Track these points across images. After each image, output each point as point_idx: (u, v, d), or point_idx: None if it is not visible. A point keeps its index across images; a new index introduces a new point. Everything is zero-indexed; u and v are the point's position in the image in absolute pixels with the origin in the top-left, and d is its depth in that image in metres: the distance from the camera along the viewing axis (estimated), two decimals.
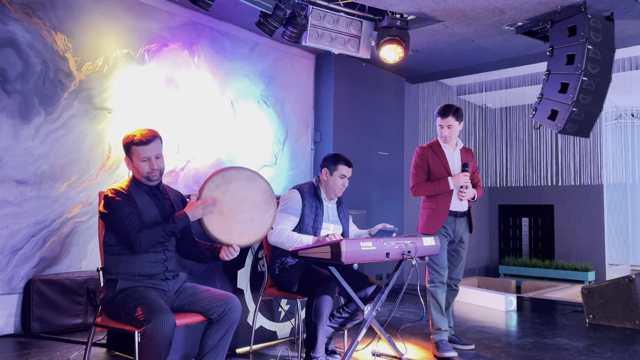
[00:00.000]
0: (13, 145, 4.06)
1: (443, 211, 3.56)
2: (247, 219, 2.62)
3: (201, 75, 5.48)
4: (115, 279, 2.45)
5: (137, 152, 2.52)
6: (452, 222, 3.62)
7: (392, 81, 7.44)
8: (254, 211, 2.64)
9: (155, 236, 2.41)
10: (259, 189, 2.68)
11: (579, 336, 4.10)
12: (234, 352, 3.43)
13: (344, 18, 5.11)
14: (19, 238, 4.05)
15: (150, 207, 2.53)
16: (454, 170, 3.64)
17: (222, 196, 2.55)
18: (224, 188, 2.56)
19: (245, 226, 2.61)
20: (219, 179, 2.57)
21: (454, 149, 3.72)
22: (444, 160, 3.63)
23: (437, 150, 3.67)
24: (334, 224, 3.38)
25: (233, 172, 2.62)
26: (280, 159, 6.29)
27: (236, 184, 2.60)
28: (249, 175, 2.66)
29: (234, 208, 2.58)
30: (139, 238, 2.38)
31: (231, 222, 2.57)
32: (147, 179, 2.55)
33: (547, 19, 5.04)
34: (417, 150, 3.72)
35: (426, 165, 3.64)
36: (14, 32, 4.08)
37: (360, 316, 3.19)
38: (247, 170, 2.68)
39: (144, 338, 2.18)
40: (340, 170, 3.33)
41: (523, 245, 11.11)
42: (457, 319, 4.76)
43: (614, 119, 9.72)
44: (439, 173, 3.61)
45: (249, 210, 2.63)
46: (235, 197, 2.59)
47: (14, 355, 3.37)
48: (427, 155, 3.66)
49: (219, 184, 2.56)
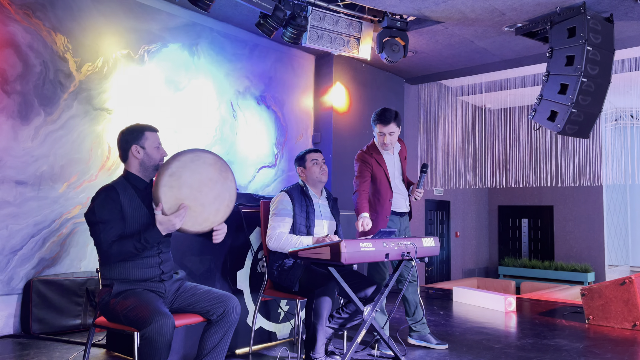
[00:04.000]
0: (13, 146, 4.06)
1: (384, 218, 3.55)
2: (214, 197, 2.54)
3: (201, 76, 5.49)
4: (111, 284, 2.43)
5: (152, 138, 2.53)
6: (397, 221, 3.67)
7: (391, 82, 7.45)
8: (215, 185, 2.55)
9: (125, 251, 2.35)
10: (207, 163, 2.55)
11: (578, 337, 4.10)
12: (234, 353, 3.43)
13: (344, 19, 5.11)
14: (18, 239, 4.05)
15: (139, 208, 2.46)
16: (394, 175, 3.64)
17: (179, 192, 2.43)
18: (176, 184, 2.43)
19: (216, 204, 2.55)
20: (166, 177, 2.41)
21: (392, 153, 3.71)
22: (383, 166, 3.61)
23: (378, 158, 3.61)
24: (327, 220, 3.38)
25: (175, 163, 2.45)
26: (280, 159, 6.30)
27: (185, 172, 2.46)
28: (191, 157, 2.51)
29: (197, 196, 2.49)
30: (109, 251, 2.34)
31: (202, 209, 2.50)
32: (156, 168, 2.52)
33: (546, 20, 5.04)
34: (359, 157, 3.64)
35: (369, 174, 3.57)
36: (14, 32, 4.09)
37: (359, 317, 3.19)
38: (187, 153, 2.51)
39: (143, 340, 2.17)
40: (310, 158, 3.38)
41: (522, 246, 11.11)
42: (456, 319, 4.76)
43: (613, 120, 9.73)
44: (380, 181, 3.59)
45: (211, 188, 2.54)
46: (192, 186, 2.47)
47: (14, 356, 3.37)
48: (370, 163, 3.58)
49: (169, 182, 2.41)
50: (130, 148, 2.51)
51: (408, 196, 3.76)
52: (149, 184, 2.56)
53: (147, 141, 2.52)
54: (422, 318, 3.74)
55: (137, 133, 2.52)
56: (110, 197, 2.41)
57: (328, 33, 5.05)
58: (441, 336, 4.03)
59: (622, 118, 9.77)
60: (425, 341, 3.70)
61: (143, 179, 2.54)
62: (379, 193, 3.61)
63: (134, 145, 2.51)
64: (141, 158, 2.51)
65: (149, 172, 2.54)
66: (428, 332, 3.74)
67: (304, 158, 3.40)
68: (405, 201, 3.72)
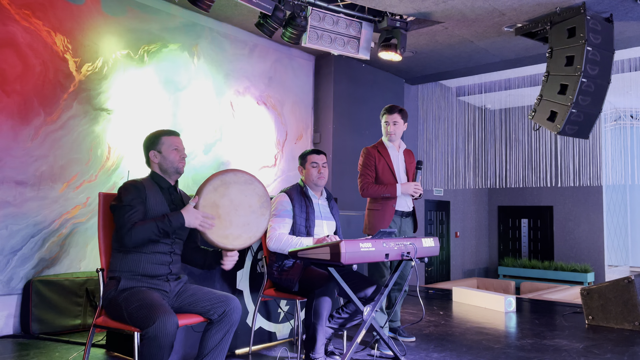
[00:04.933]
0: (12, 146, 4.06)
1: (389, 213, 3.68)
2: (244, 222, 2.64)
3: (201, 76, 5.49)
4: (119, 277, 2.45)
5: (169, 142, 2.64)
6: (399, 221, 3.75)
7: (391, 82, 7.45)
8: (250, 215, 2.66)
9: (147, 232, 2.41)
10: (256, 192, 2.69)
11: (578, 337, 4.10)
12: (234, 353, 3.43)
13: (344, 19, 5.11)
14: (18, 239, 4.05)
15: (162, 205, 2.55)
16: (399, 171, 3.77)
17: (220, 199, 2.56)
18: (222, 191, 2.57)
19: (241, 229, 2.64)
20: (218, 182, 2.57)
21: (397, 150, 3.84)
22: (388, 162, 3.75)
23: (383, 152, 3.78)
24: (327, 221, 3.38)
25: (232, 175, 2.63)
26: (280, 160, 6.30)
27: (234, 187, 2.61)
28: (247, 179, 2.67)
29: (231, 212, 2.59)
30: (131, 232, 2.38)
31: (228, 225, 2.59)
32: (175, 170, 2.64)
33: (546, 21, 5.04)
34: (364, 150, 3.81)
35: (373, 166, 3.74)
36: (13, 32, 4.08)
37: (359, 317, 3.19)
38: (245, 174, 2.69)
39: (146, 339, 2.18)
40: (310, 160, 3.36)
41: (522, 246, 11.12)
42: (456, 319, 4.77)
43: (613, 120, 9.74)
44: (384, 175, 3.72)
45: (246, 214, 2.65)
46: (233, 201, 2.60)
47: (13, 356, 3.37)
48: (374, 155, 3.76)
49: (218, 187, 2.56)
50: (149, 154, 2.65)
51: (412, 198, 3.82)
52: (172, 186, 2.68)
53: (163, 145, 2.64)
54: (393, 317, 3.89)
55: (154, 139, 2.66)
56: (137, 187, 2.52)
57: (328, 33, 5.05)
58: (441, 336, 4.04)
59: (622, 118, 9.77)
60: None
61: (167, 179, 2.66)
62: (383, 184, 3.72)
63: (151, 151, 2.65)
64: (159, 161, 2.65)
65: (169, 174, 2.66)
66: (397, 326, 3.90)
67: (305, 158, 3.40)
68: (407, 200, 3.78)
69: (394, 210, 3.70)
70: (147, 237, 2.42)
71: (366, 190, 3.72)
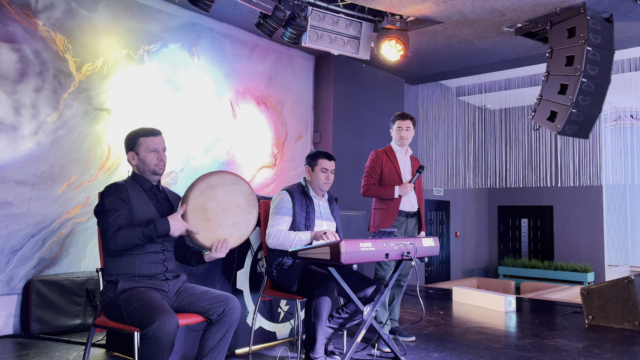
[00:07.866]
0: (13, 146, 4.06)
1: (393, 212, 3.79)
2: (232, 222, 2.66)
3: (201, 76, 5.49)
4: (116, 280, 2.44)
5: (146, 143, 2.54)
6: (404, 221, 3.85)
7: (391, 82, 7.45)
8: (239, 214, 2.68)
9: (132, 238, 2.38)
10: (242, 192, 2.71)
11: (578, 337, 4.10)
12: (233, 352, 3.43)
13: (344, 19, 5.11)
14: (18, 238, 4.05)
15: (147, 205, 2.52)
16: (405, 174, 3.90)
17: (207, 202, 2.57)
18: (208, 194, 2.58)
19: (231, 229, 2.65)
20: (204, 185, 2.58)
21: (405, 155, 3.97)
22: (396, 165, 3.89)
23: (391, 155, 3.92)
24: (327, 221, 3.38)
25: (217, 177, 2.63)
26: (280, 159, 6.30)
27: (221, 189, 2.63)
28: (232, 180, 2.69)
29: (219, 214, 2.61)
30: (115, 236, 2.35)
31: (217, 227, 2.60)
32: (152, 173, 2.57)
33: (546, 21, 5.04)
34: (373, 153, 3.94)
35: (379, 169, 3.87)
36: (13, 32, 4.09)
37: (359, 317, 3.19)
38: (230, 174, 2.70)
39: (147, 339, 2.17)
40: (321, 164, 3.34)
41: (522, 246, 11.12)
42: (456, 319, 4.77)
43: (613, 120, 9.74)
44: (390, 176, 3.85)
45: (234, 214, 2.67)
46: (220, 203, 2.62)
47: (13, 356, 3.37)
48: (382, 159, 3.89)
49: (204, 190, 2.57)
50: (127, 154, 2.59)
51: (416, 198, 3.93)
52: (154, 185, 2.63)
53: (140, 147, 2.56)
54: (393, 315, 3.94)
55: (131, 139, 2.58)
56: (119, 190, 2.48)
57: (328, 33, 5.05)
58: (441, 336, 4.04)
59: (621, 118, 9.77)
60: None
61: (148, 180, 2.60)
62: (389, 185, 3.82)
63: (129, 152, 2.58)
64: (136, 164, 2.58)
65: (147, 176, 2.58)
66: (394, 326, 3.93)
67: (316, 161, 3.35)
68: (412, 201, 3.88)
69: (398, 209, 3.78)
70: (131, 242, 2.39)
71: (367, 190, 3.86)
